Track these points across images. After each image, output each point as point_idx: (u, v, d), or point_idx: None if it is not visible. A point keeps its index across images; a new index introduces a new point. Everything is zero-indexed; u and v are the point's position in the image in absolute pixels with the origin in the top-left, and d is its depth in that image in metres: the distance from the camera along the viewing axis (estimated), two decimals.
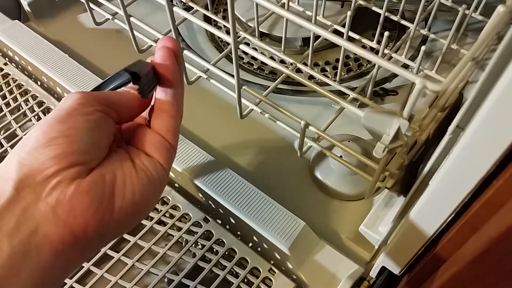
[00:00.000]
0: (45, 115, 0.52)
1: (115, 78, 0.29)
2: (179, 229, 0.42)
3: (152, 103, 0.30)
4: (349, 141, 0.44)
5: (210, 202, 0.43)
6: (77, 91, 0.26)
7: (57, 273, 0.23)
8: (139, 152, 0.28)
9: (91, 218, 0.24)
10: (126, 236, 0.42)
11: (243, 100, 0.39)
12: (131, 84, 0.29)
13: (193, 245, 0.41)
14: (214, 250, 0.41)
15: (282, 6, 0.46)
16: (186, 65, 0.42)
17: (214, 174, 0.42)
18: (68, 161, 0.23)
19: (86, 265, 0.40)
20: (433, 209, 0.26)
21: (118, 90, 0.29)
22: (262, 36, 0.58)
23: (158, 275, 0.39)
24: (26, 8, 0.62)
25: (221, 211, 0.42)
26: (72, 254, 0.24)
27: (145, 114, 0.31)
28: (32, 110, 0.53)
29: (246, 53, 0.58)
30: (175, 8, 0.36)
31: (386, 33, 0.38)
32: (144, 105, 0.30)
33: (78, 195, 0.23)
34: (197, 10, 0.46)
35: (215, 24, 0.62)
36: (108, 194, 0.25)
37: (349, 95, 0.41)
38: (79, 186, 0.23)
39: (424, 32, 0.50)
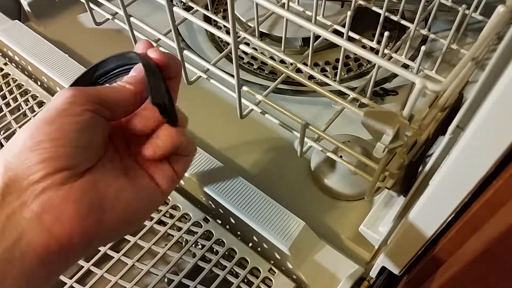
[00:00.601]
0: None
1: (112, 61, 0.28)
2: (179, 229, 0.42)
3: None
4: (349, 141, 0.44)
5: (210, 202, 0.43)
6: (68, 87, 0.25)
7: (42, 279, 0.23)
8: (143, 173, 0.27)
9: (77, 228, 0.23)
10: (126, 236, 0.42)
11: (243, 100, 0.39)
12: (132, 73, 0.28)
13: (193, 245, 0.41)
14: (214, 250, 0.41)
15: (282, 6, 0.46)
16: (186, 65, 0.42)
17: (214, 174, 0.42)
18: (55, 166, 0.23)
19: (86, 265, 0.40)
20: (433, 209, 0.26)
21: (114, 85, 0.28)
22: (262, 36, 0.58)
23: (158, 275, 0.39)
24: (26, 8, 0.62)
25: (221, 211, 0.42)
26: (56, 262, 0.23)
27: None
28: (32, 110, 0.53)
29: (246, 53, 0.58)
30: (175, 8, 0.36)
31: (386, 33, 0.38)
32: (141, 102, 0.29)
33: (65, 204, 0.23)
34: (197, 10, 0.46)
35: (215, 24, 0.62)
36: (97, 205, 0.24)
37: (349, 95, 0.41)
38: (67, 193, 0.23)
39: (424, 32, 0.50)
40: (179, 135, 0.27)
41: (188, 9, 0.42)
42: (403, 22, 0.49)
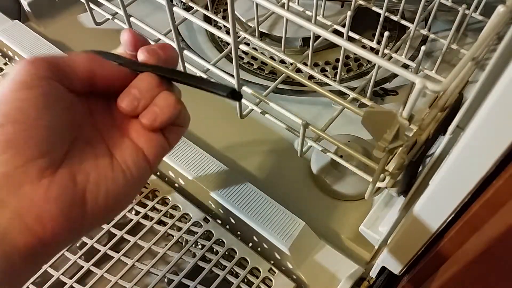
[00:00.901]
0: None
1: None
2: (179, 229, 0.42)
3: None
4: (349, 141, 0.44)
5: (210, 202, 0.43)
6: (27, 57, 0.23)
7: (26, 273, 0.22)
8: (123, 141, 0.25)
9: (60, 227, 0.22)
10: (126, 236, 0.42)
11: (243, 100, 0.39)
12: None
13: (193, 245, 0.41)
14: (214, 250, 0.41)
15: (282, 6, 0.46)
16: (186, 65, 0.42)
17: (214, 174, 0.42)
18: (24, 156, 0.20)
19: (86, 265, 0.40)
20: (433, 209, 0.26)
21: (70, 53, 0.25)
22: (262, 36, 0.58)
23: (158, 275, 0.39)
24: (26, 8, 0.62)
25: (221, 211, 0.42)
26: (40, 257, 0.22)
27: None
28: None
29: (246, 53, 0.58)
30: (175, 8, 0.36)
31: (386, 33, 0.38)
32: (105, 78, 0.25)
33: (46, 204, 0.21)
34: (197, 10, 0.46)
35: (215, 24, 0.62)
36: (79, 199, 0.22)
37: (349, 95, 0.41)
38: (47, 190, 0.21)
39: (424, 32, 0.50)
40: (178, 103, 0.26)
41: (188, 9, 0.42)
42: (403, 22, 0.49)
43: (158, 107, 0.25)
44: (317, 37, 0.48)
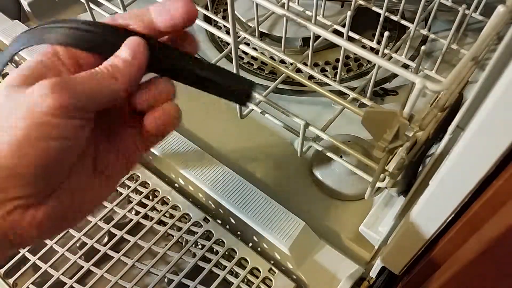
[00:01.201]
0: None
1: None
2: (179, 229, 0.42)
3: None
4: (349, 141, 0.44)
5: (210, 202, 0.43)
6: (51, 90, 0.20)
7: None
8: (109, 151, 0.25)
9: (39, 240, 0.23)
10: (126, 236, 0.42)
11: None
12: (124, 53, 0.22)
13: (193, 245, 0.41)
14: (214, 250, 0.41)
15: (282, 6, 0.46)
16: None
17: (214, 174, 0.42)
18: (24, 192, 0.21)
19: (86, 265, 0.40)
20: (433, 209, 0.26)
21: (91, 71, 0.22)
22: (262, 36, 0.58)
23: (158, 275, 0.39)
24: (26, 8, 0.62)
25: (221, 211, 0.42)
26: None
27: None
28: None
29: (246, 53, 0.58)
30: None
31: (386, 33, 0.38)
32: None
33: (29, 228, 0.21)
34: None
35: (215, 24, 0.62)
36: (63, 219, 0.23)
37: (349, 95, 0.41)
38: (32, 218, 0.21)
39: (424, 32, 0.50)
40: (179, 116, 0.25)
41: None
42: (403, 22, 0.49)
43: (169, 116, 0.24)
44: (317, 37, 0.48)
